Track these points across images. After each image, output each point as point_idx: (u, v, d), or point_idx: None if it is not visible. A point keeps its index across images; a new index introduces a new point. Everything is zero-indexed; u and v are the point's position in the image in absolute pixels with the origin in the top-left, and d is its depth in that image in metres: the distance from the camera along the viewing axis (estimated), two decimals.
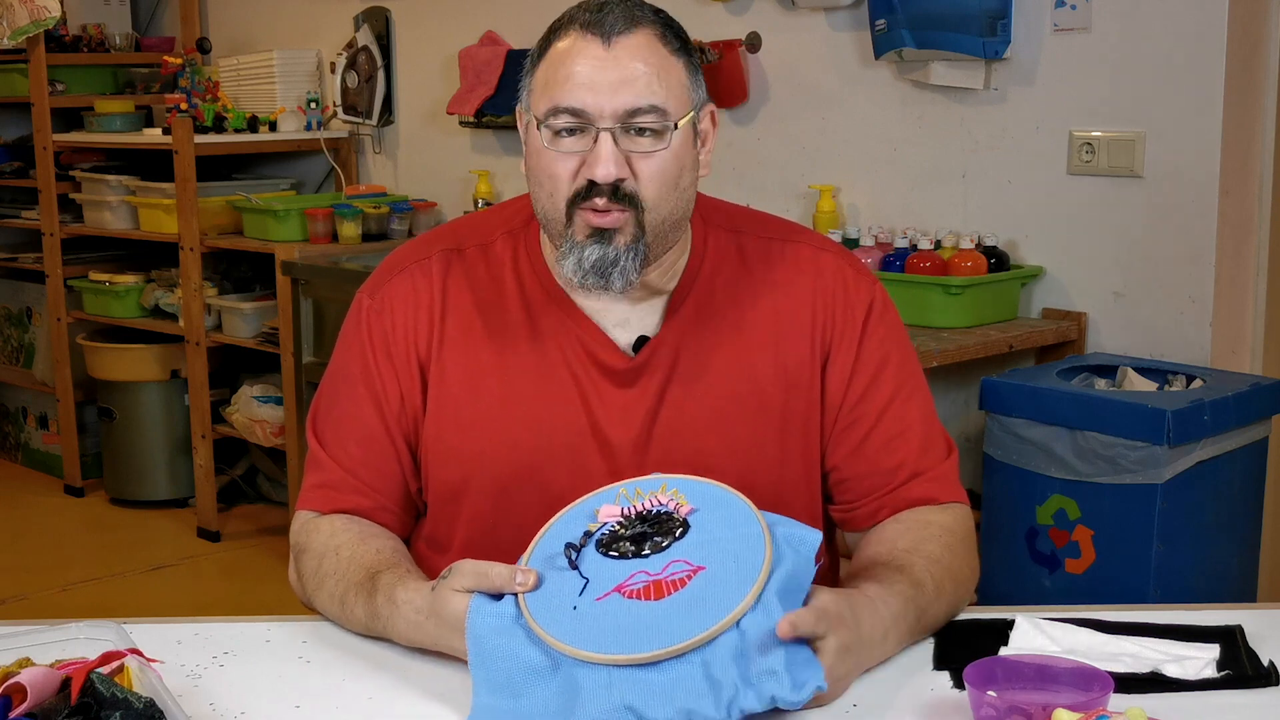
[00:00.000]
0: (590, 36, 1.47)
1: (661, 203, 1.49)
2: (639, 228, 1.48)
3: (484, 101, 4.11)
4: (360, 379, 1.61)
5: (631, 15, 1.48)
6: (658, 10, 1.52)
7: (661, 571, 1.32)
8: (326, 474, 1.61)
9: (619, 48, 1.46)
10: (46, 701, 1.18)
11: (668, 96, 1.47)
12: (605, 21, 1.47)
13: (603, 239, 1.48)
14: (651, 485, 1.42)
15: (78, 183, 4.88)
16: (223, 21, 5.05)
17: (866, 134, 3.43)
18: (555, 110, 1.48)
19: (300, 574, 1.58)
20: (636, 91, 1.46)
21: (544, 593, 1.33)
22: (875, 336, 1.61)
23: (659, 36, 1.49)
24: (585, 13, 1.49)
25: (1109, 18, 2.99)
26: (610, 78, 1.46)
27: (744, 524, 1.35)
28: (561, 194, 1.49)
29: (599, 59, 1.46)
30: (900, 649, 1.42)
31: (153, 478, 4.84)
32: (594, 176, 1.46)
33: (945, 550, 1.52)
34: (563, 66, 1.48)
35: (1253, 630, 1.47)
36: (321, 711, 1.33)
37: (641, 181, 1.47)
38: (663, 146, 1.47)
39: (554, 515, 1.42)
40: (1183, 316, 2.96)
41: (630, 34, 1.47)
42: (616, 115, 1.46)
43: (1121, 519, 2.56)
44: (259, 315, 4.41)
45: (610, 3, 1.49)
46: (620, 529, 1.38)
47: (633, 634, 1.27)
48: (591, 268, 1.49)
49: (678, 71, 1.50)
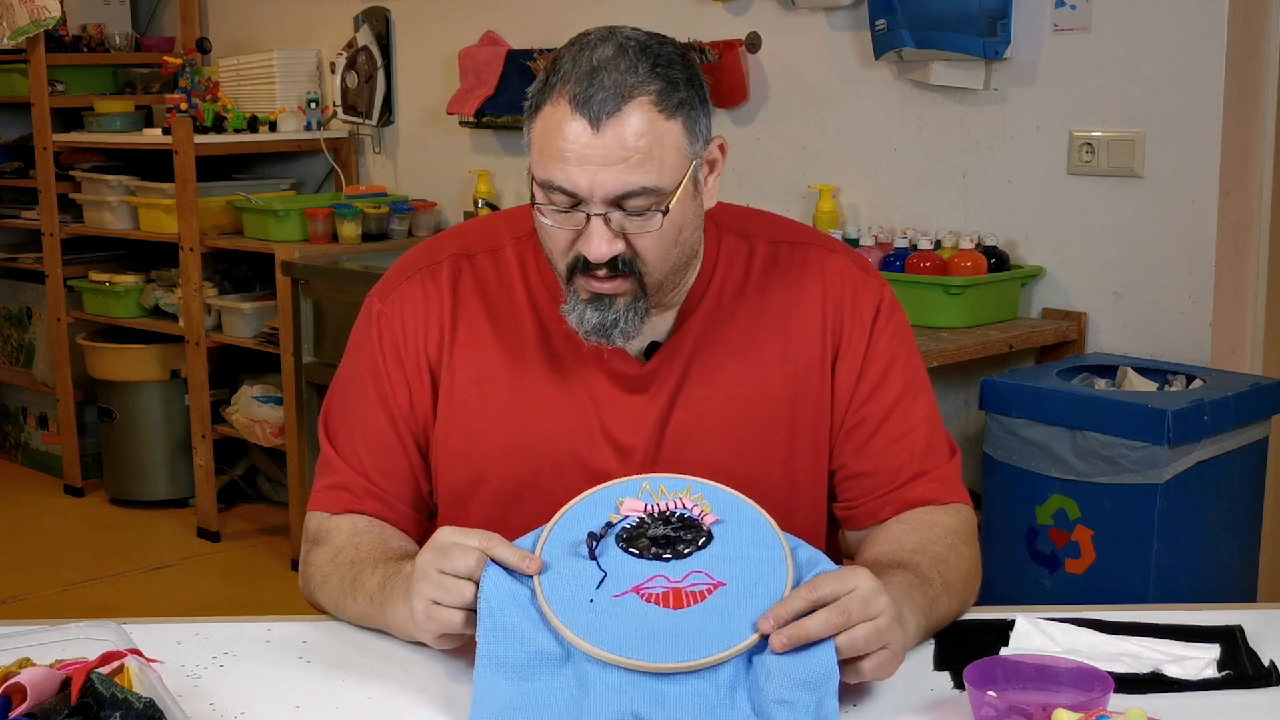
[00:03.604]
0: (578, 116, 1.40)
1: (662, 264, 1.49)
2: (640, 288, 1.49)
3: (484, 101, 4.11)
4: (370, 383, 1.62)
5: (621, 91, 1.40)
6: (655, 66, 1.43)
7: (682, 580, 1.32)
8: (340, 476, 1.62)
9: (608, 130, 1.40)
10: (46, 701, 1.18)
11: (660, 173, 1.43)
12: (594, 99, 1.40)
13: (601, 304, 1.48)
14: (676, 485, 1.41)
15: (78, 183, 4.88)
16: (223, 21, 5.05)
17: (866, 134, 3.43)
18: (548, 185, 1.44)
19: (310, 565, 1.59)
20: (626, 174, 1.41)
21: (561, 579, 1.32)
22: (883, 337, 1.61)
23: (653, 103, 1.41)
24: (577, 82, 1.41)
25: (1109, 18, 2.99)
26: (599, 161, 1.41)
27: (768, 546, 1.35)
28: (559, 257, 1.49)
29: (587, 142, 1.40)
30: (917, 638, 1.41)
31: (153, 478, 4.84)
32: (587, 255, 1.45)
33: (950, 551, 1.52)
34: (553, 139, 1.43)
35: (1253, 630, 1.47)
36: (321, 711, 1.33)
37: (639, 252, 1.46)
38: (655, 227, 1.45)
39: (573, 498, 1.41)
40: (1183, 316, 2.96)
41: (619, 114, 1.40)
42: (606, 200, 1.43)
43: (1121, 519, 2.56)
44: (259, 315, 4.41)
45: (602, 67, 1.41)
46: (643, 525, 1.37)
47: (649, 639, 1.27)
48: (592, 329, 1.49)
49: (674, 136, 1.43)
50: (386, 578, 1.46)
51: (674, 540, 1.35)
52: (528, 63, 3.96)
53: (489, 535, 1.35)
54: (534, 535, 1.38)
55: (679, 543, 1.35)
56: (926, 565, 1.47)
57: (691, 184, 1.48)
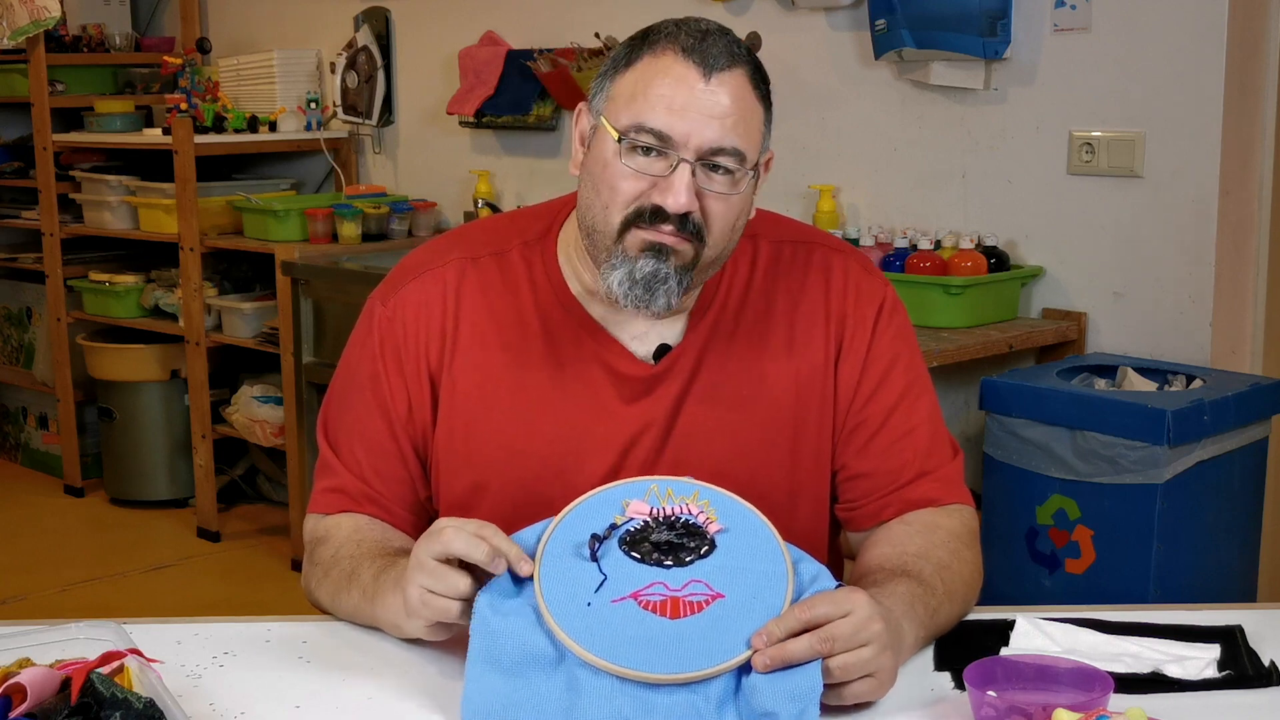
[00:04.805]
0: (691, 63, 1.44)
1: (720, 241, 1.49)
2: (695, 258, 1.48)
3: (484, 101, 4.11)
4: (369, 386, 1.61)
5: (732, 52, 1.46)
6: (751, 51, 1.50)
7: (681, 589, 1.32)
8: (339, 479, 1.61)
9: (717, 82, 1.44)
10: (46, 701, 1.18)
11: (749, 142, 1.46)
12: (709, 52, 1.44)
13: (660, 255, 1.46)
14: (684, 489, 1.40)
15: (78, 183, 4.88)
16: (223, 21, 5.05)
17: (866, 134, 3.43)
18: (639, 128, 1.44)
19: (313, 563, 1.58)
20: (725, 130, 1.44)
21: (560, 580, 1.32)
22: (885, 336, 1.61)
23: (750, 80, 1.47)
24: (687, 35, 1.45)
25: (1109, 18, 2.99)
26: (703, 110, 1.43)
27: (769, 559, 1.35)
28: (618, 208, 1.46)
29: (695, 89, 1.43)
30: (917, 648, 1.42)
31: (153, 478, 4.84)
32: (665, 204, 1.44)
33: (952, 557, 1.52)
34: (656, 85, 1.44)
35: (1253, 630, 1.47)
36: (321, 711, 1.33)
37: (709, 218, 1.46)
38: (736, 191, 1.47)
39: (579, 496, 1.40)
40: (1183, 316, 2.96)
41: (729, 71, 1.44)
42: (700, 150, 1.44)
43: (1121, 519, 2.56)
44: (259, 315, 4.41)
45: (713, 31, 1.46)
46: (647, 529, 1.37)
47: (644, 648, 1.27)
48: (642, 279, 1.46)
49: (759, 117, 1.48)
50: (381, 570, 1.46)
51: (677, 547, 1.35)
52: (528, 63, 3.95)
53: (485, 525, 1.35)
54: (539, 528, 1.38)
55: (681, 550, 1.35)
56: (930, 573, 1.47)
57: (756, 175, 1.50)
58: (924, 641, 1.43)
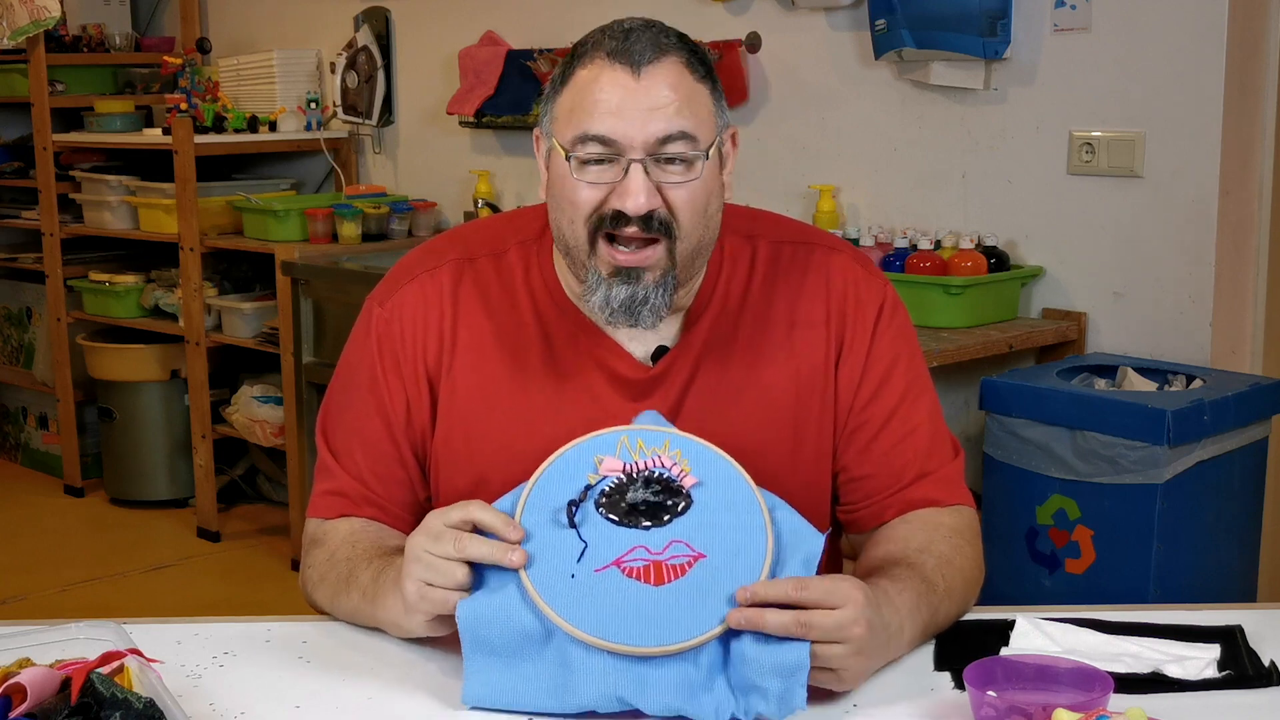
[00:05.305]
0: (618, 65, 1.44)
1: (693, 231, 1.48)
2: (670, 259, 1.47)
3: (484, 101, 4.10)
4: (368, 389, 1.61)
5: (658, 43, 1.46)
6: (683, 37, 1.50)
7: (662, 551, 1.32)
8: (337, 482, 1.61)
9: (648, 77, 1.44)
10: (46, 701, 1.18)
11: (697, 124, 1.46)
12: (633, 50, 1.44)
13: (630, 278, 1.47)
14: (654, 440, 1.39)
15: (78, 183, 4.88)
16: (223, 21, 5.05)
17: (866, 134, 3.43)
18: (584, 138, 1.45)
19: (309, 566, 1.58)
20: (667, 119, 1.44)
21: (541, 553, 1.32)
22: (886, 337, 1.61)
23: (685, 64, 1.46)
24: (611, 40, 1.46)
25: (1109, 18, 2.99)
26: (640, 106, 1.43)
27: (746, 511, 1.35)
28: (581, 219, 1.47)
29: (627, 88, 1.44)
30: (914, 647, 1.42)
31: (153, 478, 4.84)
32: (624, 208, 1.44)
33: (955, 552, 1.52)
34: (590, 94, 1.45)
35: (1253, 630, 1.47)
36: (321, 711, 1.33)
37: (675, 210, 1.46)
38: (694, 177, 1.46)
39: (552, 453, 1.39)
40: (1183, 316, 2.96)
41: (658, 63, 1.45)
42: (647, 145, 1.44)
43: (1121, 519, 2.56)
44: (259, 315, 4.42)
45: (636, 30, 1.47)
46: (622, 486, 1.36)
47: (631, 619, 1.27)
48: (620, 307, 1.48)
49: (704, 98, 1.48)
50: (379, 571, 1.46)
51: (655, 506, 1.35)
52: (528, 63, 3.96)
53: (469, 502, 1.36)
54: (513, 496, 1.37)
55: (660, 509, 1.34)
56: (931, 567, 1.47)
57: (718, 155, 1.50)
58: (922, 638, 1.44)
